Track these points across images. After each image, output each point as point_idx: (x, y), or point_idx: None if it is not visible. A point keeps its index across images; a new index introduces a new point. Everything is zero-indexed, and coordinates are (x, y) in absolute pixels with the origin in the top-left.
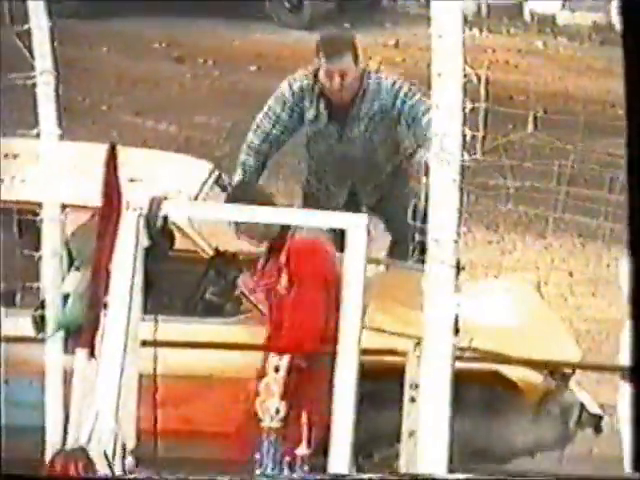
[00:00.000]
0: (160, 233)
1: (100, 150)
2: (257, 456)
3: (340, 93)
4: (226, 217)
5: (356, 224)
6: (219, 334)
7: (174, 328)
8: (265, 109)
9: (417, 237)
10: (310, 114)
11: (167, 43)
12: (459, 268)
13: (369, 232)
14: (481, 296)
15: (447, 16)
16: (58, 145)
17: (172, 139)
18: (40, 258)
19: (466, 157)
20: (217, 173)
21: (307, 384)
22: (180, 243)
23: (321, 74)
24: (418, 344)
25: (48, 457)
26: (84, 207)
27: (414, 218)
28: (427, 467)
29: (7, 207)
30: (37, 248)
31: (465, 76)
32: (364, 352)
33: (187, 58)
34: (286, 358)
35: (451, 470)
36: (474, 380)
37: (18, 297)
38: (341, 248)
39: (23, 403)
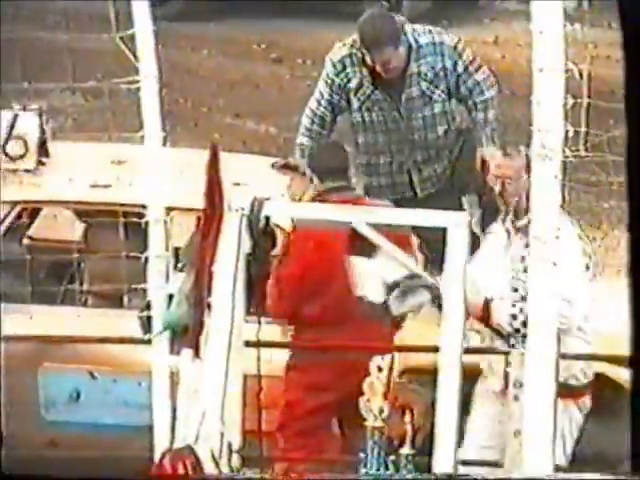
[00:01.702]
0: (262, 234)
1: (203, 154)
2: (362, 455)
3: (388, 74)
4: (327, 216)
5: (457, 222)
6: None
7: (277, 330)
8: (315, 92)
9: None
10: (354, 83)
11: (266, 44)
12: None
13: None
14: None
15: (548, 11)
16: (162, 148)
17: (272, 141)
18: (146, 260)
19: (568, 153)
20: None
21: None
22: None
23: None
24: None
25: (156, 456)
26: (188, 210)
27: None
28: (532, 467)
29: (114, 210)
30: (143, 250)
31: (566, 71)
32: (465, 351)
33: (285, 59)
34: (388, 357)
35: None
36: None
37: (125, 299)
38: None
39: (131, 403)
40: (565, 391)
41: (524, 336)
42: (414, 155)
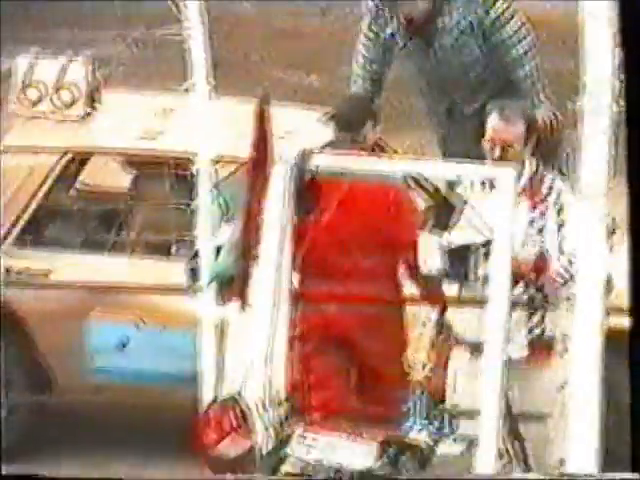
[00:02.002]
0: (309, 186)
1: (250, 104)
2: (405, 409)
3: (407, 27)
4: (377, 169)
5: (505, 175)
6: None
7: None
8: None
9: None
10: (387, 32)
11: None
12: (613, 223)
13: None
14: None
15: None
16: (209, 99)
17: (319, 92)
18: (193, 210)
19: (618, 107)
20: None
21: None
22: None
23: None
24: (568, 299)
25: (202, 406)
26: (236, 160)
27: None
28: (578, 421)
29: (161, 161)
30: (190, 200)
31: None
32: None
33: (334, 9)
34: (435, 312)
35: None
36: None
37: (173, 248)
38: None
39: (178, 353)
40: None
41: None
42: (450, 98)
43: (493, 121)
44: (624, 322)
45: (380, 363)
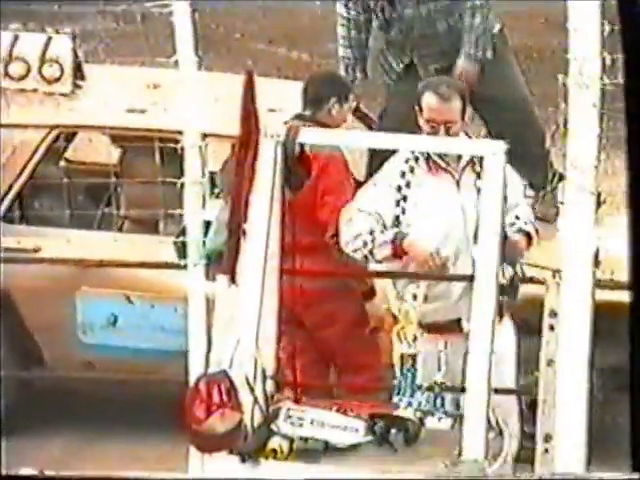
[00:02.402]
0: (297, 161)
1: (238, 79)
2: (394, 383)
3: None
4: (363, 144)
5: (494, 151)
6: None
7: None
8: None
9: None
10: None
11: None
12: (599, 197)
13: None
14: (621, 226)
15: None
16: (197, 73)
17: (305, 67)
18: (182, 186)
19: (606, 81)
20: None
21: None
22: None
23: None
24: (557, 272)
25: (191, 380)
26: (224, 136)
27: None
28: (565, 396)
29: (149, 136)
30: (179, 176)
31: None
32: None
33: None
34: (423, 285)
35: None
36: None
37: (161, 224)
38: None
39: (167, 328)
40: None
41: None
42: (418, 50)
43: (430, 101)
44: (614, 296)
45: (345, 340)
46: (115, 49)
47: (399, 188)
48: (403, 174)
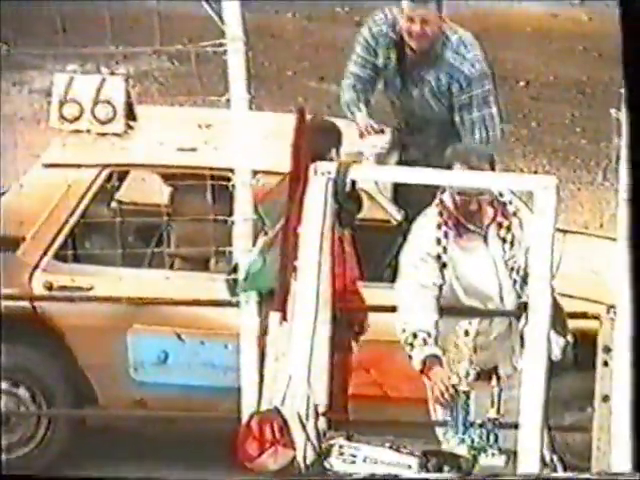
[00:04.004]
0: (348, 198)
1: (288, 117)
2: (447, 419)
3: (418, 40)
4: (414, 180)
5: (545, 186)
6: None
7: (364, 294)
8: (354, 55)
9: None
10: (380, 61)
11: (349, 7)
12: None
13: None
14: None
15: None
16: (248, 112)
17: None
18: (232, 223)
19: None
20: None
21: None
22: (369, 211)
23: (403, 16)
24: (611, 307)
25: (244, 418)
26: (275, 173)
27: None
28: (620, 431)
29: (200, 174)
30: (229, 213)
31: None
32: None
33: (368, 20)
34: (475, 322)
35: None
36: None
37: (212, 262)
38: None
39: (218, 365)
40: None
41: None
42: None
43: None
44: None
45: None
46: (169, 89)
47: (438, 256)
48: (439, 241)
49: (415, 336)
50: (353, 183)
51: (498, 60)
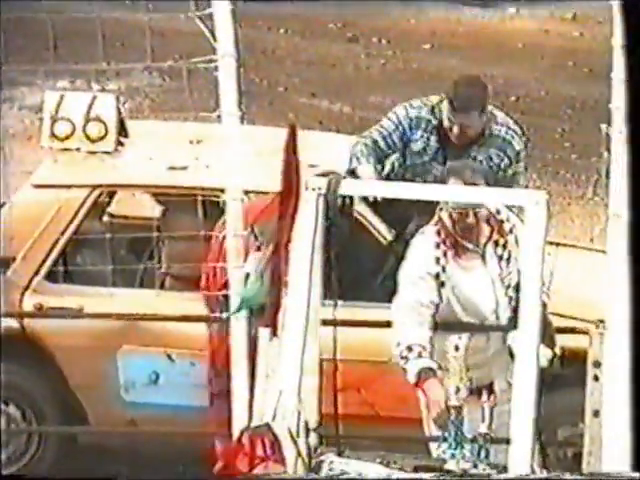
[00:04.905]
0: (339, 214)
1: (280, 133)
2: (439, 434)
3: (457, 140)
4: (406, 195)
5: (536, 201)
6: None
7: (352, 313)
8: (379, 125)
9: None
10: (418, 145)
11: (342, 23)
12: None
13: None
14: None
15: None
16: (239, 127)
17: (347, 120)
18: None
19: None
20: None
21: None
22: (359, 228)
23: (444, 116)
24: (601, 322)
25: (235, 433)
26: (265, 192)
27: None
28: (610, 447)
29: (191, 192)
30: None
31: None
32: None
33: (361, 38)
34: (465, 337)
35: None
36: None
37: (203, 279)
38: None
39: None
40: None
41: None
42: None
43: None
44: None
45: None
46: (160, 105)
47: (437, 275)
48: (438, 260)
49: (410, 349)
50: (344, 200)
51: (490, 75)
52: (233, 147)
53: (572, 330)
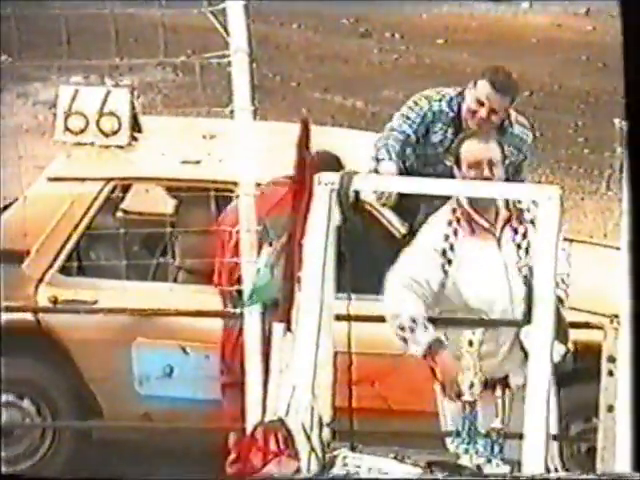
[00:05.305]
0: (352, 209)
1: (293, 128)
2: (453, 429)
3: (480, 124)
4: (420, 190)
5: (549, 196)
6: None
7: (367, 306)
8: (404, 117)
9: None
10: (437, 137)
11: (354, 19)
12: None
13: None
14: None
15: None
16: (252, 122)
17: (360, 114)
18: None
19: None
20: None
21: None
22: (372, 222)
23: (471, 95)
24: (616, 316)
25: (249, 428)
26: (279, 184)
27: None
28: (625, 441)
29: (204, 186)
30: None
31: None
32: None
33: (374, 33)
34: (479, 332)
35: None
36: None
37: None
38: None
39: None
40: None
41: None
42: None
43: (471, 146)
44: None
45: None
46: (173, 100)
47: (444, 252)
48: (447, 237)
49: (414, 321)
50: (357, 194)
51: None
52: (246, 142)
53: (586, 325)
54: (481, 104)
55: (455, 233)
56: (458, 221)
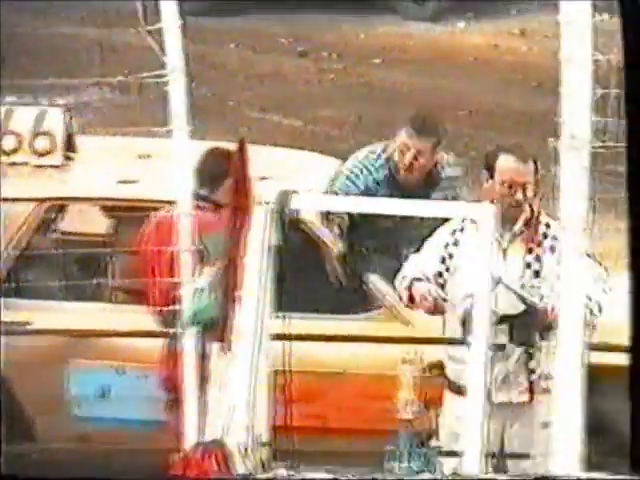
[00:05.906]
0: (291, 228)
1: (230, 147)
2: (391, 448)
3: (407, 172)
4: (356, 209)
5: (485, 214)
6: (349, 330)
7: (305, 325)
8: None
9: None
10: (370, 180)
11: (293, 38)
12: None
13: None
14: (612, 288)
15: (576, 1)
16: (189, 142)
17: (298, 134)
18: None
19: (597, 144)
20: None
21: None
22: (308, 240)
23: (396, 145)
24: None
25: (185, 449)
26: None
27: None
28: (561, 461)
29: (141, 206)
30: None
31: (594, 62)
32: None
33: (312, 52)
34: (416, 351)
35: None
36: (606, 375)
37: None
38: None
39: (161, 399)
40: None
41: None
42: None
43: (508, 163)
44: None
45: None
46: (110, 120)
47: (446, 245)
48: (454, 232)
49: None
50: (295, 213)
51: (440, 89)
52: (183, 161)
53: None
54: (407, 148)
55: (462, 230)
56: (462, 230)
